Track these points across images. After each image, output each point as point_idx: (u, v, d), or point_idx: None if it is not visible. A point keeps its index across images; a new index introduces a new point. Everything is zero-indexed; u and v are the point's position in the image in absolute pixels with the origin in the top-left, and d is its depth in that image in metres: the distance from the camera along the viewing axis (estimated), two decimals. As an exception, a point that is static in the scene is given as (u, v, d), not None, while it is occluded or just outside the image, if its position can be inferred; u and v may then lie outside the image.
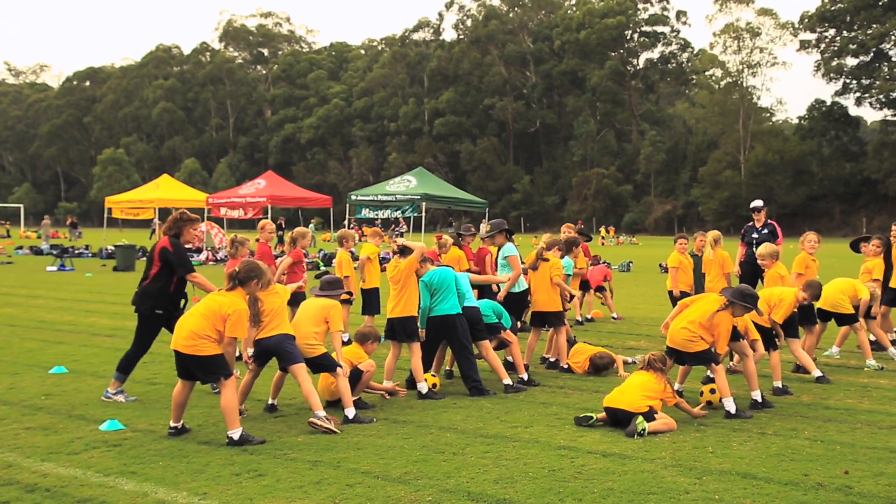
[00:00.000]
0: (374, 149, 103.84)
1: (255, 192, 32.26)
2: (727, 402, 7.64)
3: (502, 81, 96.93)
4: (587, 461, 6.25)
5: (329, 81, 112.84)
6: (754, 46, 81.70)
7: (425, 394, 8.32)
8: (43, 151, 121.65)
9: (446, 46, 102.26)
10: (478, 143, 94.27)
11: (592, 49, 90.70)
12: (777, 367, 8.74)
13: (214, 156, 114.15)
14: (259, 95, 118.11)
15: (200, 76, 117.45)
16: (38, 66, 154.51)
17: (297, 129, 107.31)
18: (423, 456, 6.39)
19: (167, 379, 9.30)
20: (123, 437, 6.94)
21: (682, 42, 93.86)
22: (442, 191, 30.71)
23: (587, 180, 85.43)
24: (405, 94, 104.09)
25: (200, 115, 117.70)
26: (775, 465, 6.18)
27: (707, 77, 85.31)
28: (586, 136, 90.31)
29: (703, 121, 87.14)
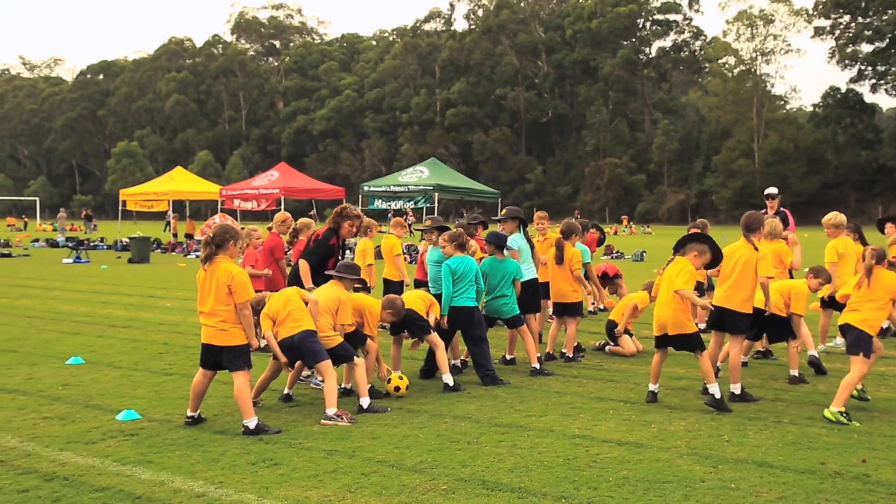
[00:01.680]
0: (386, 140, 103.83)
1: (268, 183, 32.25)
2: (712, 387, 7.52)
3: (514, 71, 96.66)
4: (602, 450, 6.25)
5: (341, 73, 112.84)
6: (768, 34, 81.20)
7: (452, 386, 8.29)
8: (58, 145, 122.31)
9: (458, 37, 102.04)
10: (490, 134, 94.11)
11: (604, 38, 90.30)
12: (794, 357, 8.70)
13: (227, 148, 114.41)
14: (271, 87, 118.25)
15: (213, 69, 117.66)
16: (52, 59, 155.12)
17: (309, 120, 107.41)
18: (437, 445, 6.40)
19: (182, 370, 9.35)
20: (140, 426, 6.98)
21: (695, 30, 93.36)
22: (454, 181, 30.62)
23: (600, 170, 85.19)
24: (417, 85, 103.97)
25: (213, 108, 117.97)
26: (792, 453, 6.15)
27: (720, 65, 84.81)
28: (599, 126, 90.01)
29: (716, 109, 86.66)
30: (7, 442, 6.50)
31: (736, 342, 8.03)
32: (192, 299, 16.64)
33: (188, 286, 19.48)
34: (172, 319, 13.58)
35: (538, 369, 9.11)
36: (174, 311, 14.60)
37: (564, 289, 9.92)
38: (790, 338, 8.73)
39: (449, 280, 8.62)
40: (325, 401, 7.16)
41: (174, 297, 17.05)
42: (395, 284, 11.59)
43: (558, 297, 10.01)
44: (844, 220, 10.42)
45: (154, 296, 17.49)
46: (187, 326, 12.82)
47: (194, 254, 31.76)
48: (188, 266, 26.06)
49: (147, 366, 9.68)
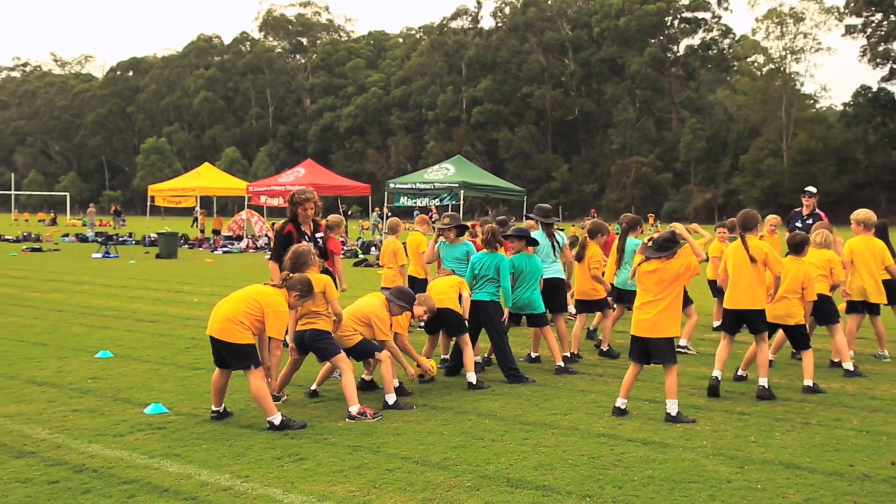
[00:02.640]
0: (412, 137, 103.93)
1: (295, 180, 32.40)
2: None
3: (541, 69, 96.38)
4: (627, 449, 6.23)
5: (367, 70, 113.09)
6: (798, 32, 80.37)
7: (475, 384, 8.31)
8: (88, 140, 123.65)
9: (484, 34, 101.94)
10: (516, 132, 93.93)
11: (632, 36, 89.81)
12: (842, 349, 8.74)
13: (254, 144, 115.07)
14: (298, 84, 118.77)
15: (240, 66, 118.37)
16: (82, 56, 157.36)
17: (335, 117, 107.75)
18: (462, 442, 6.41)
19: (209, 364, 9.38)
20: (167, 420, 7.05)
21: (724, 28, 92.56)
22: (480, 179, 30.58)
23: (626, 168, 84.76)
24: (443, 83, 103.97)
25: (240, 105, 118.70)
26: (819, 455, 6.10)
27: (749, 63, 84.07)
28: (625, 124, 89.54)
29: (744, 108, 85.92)
30: (37, 434, 6.59)
31: (760, 340, 8.01)
32: (219, 294, 16.73)
33: (215, 281, 19.63)
34: (199, 314, 13.68)
35: (563, 367, 9.10)
36: (201, 307, 14.71)
37: (586, 286, 10.03)
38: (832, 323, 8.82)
39: (507, 275, 8.81)
40: (346, 398, 7.19)
41: (201, 293, 17.19)
42: (420, 282, 11.56)
43: (581, 294, 10.12)
44: (873, 219, 10.17)
45: (181, 291, 17.65)
46: (214, 321, 12.93)
47: (221, 249, 31.99)
48: (215, 261, 26.25)
49: (174, 360, 9.77)
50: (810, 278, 8.27)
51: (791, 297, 8.21)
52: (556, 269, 9.89)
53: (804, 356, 8.25)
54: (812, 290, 8.27)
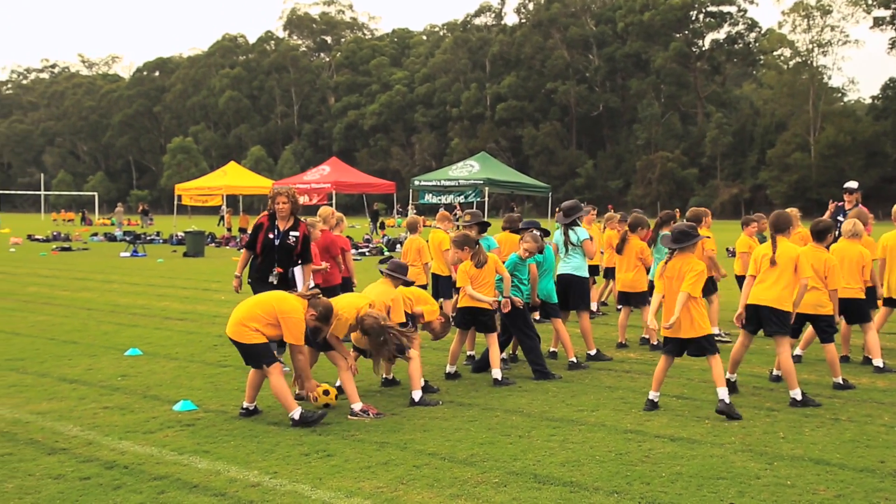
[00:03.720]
0: (436, 134, 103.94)
1: (320, 178, 32.58)
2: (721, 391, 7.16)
3: (565, 65, 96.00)
4: (654, 445, 6.20)
5: (391, 68, 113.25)
6: (825, 25, 79.45)
7: (501, 381, 8.32)
8: (115, 141, 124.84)
9: (508, 31, 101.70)
10: (540, 128, 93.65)
11: (657, 31, 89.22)
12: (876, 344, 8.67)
13: (279, 143, 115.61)
14: (323, 83, 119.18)
15: (265, 65, 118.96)
16: (110, 57, 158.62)
17: (360, 115, 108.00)
18: (489, 438, 6.42)
19: (237, 362, 9.47)
20: (196, 417, 7.11)
21: (749, 22, 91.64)
22: (505, 175, 30.59)
23: (651, 164, 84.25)
24: (467, 80, 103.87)
25: (266, 103, 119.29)
26: (849, 451, 6.04)
27: (775, 57, 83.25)
28: (650, 120, 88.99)
29: (770, 102, 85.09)
30: (69, 430, 6.68)
31: (779, 344, 7.72)
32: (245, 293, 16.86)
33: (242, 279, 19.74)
34: (227, 312, 13.68)
35: (575, 363, 9.16)
36: (228, 304, 14.79)
37: (628, 278, 10.37)
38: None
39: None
40: (346, 394, 7.22)
41: (228, 291, 17.27)
42: (444, 280, 11.58)
43: (622, 285, 10.47)
44: None
45: (209, 289, 17.79)
46: (241, 319, 13.02)
47: (247, 248, 32.14)
48: (241, 260, 26.40)
49: (202, 357, 9.86)
50: (832, 267, 8.09)
51: (820, 287, 8.08)
52: (570, 266, 9.82)
53: (827, 350, 8.11)
54: (835, 278, 8.06)
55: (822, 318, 8.12)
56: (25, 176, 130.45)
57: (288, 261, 8.88)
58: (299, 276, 9.20)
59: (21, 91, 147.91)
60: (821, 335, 8.17)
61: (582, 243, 9.71)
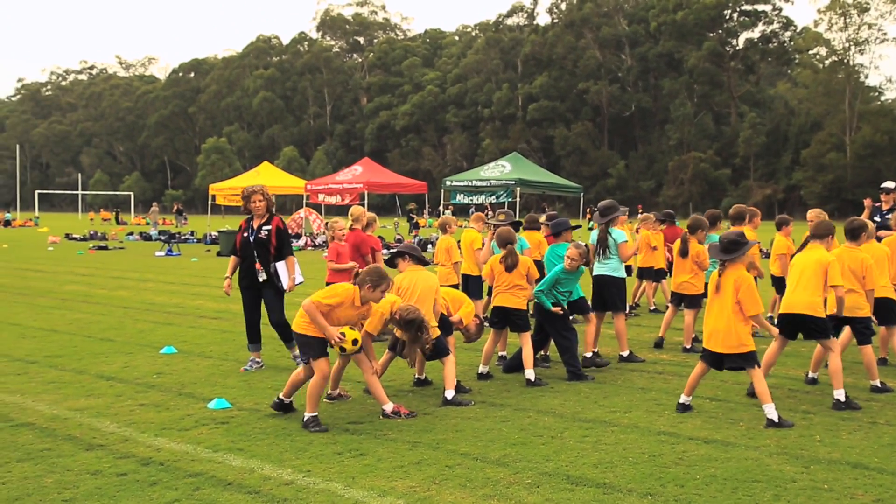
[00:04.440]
0: (468, 135, 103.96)
1: (352, 178, 32.69)
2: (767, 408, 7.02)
3: (597, 65, 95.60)
4: (688, 447, 6.16)
5: (423, 68, 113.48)
6: (862, 23, 78.40)
7: (534, 381, 8.31)
8: (151, 141, 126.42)
9: (540, 31, 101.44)
10: (572, 128, 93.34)
11: (690, 30, 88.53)
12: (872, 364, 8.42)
13: (312, 143, 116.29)
14: (355, 83, 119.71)
15: (298, 66, 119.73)
16: (146, 59, 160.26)
17: (391, 116, 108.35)
18: (521, 439, 6.41)
19: (269, 360, 9.57)
20: (230, 415, 7.17)
21: (784, 20, 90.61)
22: (536, 176, 30.50)
23: (683, 164, 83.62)
24: (499, 80, 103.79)
25: (298, 104, 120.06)
26: (888, 455, 5.96)
27: (811, 56, 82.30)
28: (683, 120, 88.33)
29: (805, 101, 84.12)
30: (106, 427, 6.77)
31: (826, 347, 7.67)
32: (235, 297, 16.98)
33: (274, 279, 19.87)
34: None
35: (589, 358, 9.27)
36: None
37: (684, 280, 10.29)
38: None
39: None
40: (375, 398, 7.22)
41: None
42: (474, 280, 11.56)
43: (679, 288, 10.37)
44: None
45: (242, 288, 17.91)
46: (274, 318, 13.12)
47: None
48: (274, 259, 26.57)
49: (236, 356, 9.94)
50: (868, 266, 7.94)
51: (857, 289, 7.96)
52: (607, 267, 9.75)
53: (864, 352, 7.98)
54: (871, 278, 7.91)
55: (858, 321, 7.99)
56: (63, 176, 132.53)
57: (265, 256, 8.92)
58: (283, 272, 9.06)
59: (60, 92, 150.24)
60: (858, 337, 8.04)
61: (618, 245, 9.68)
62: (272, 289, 9.04)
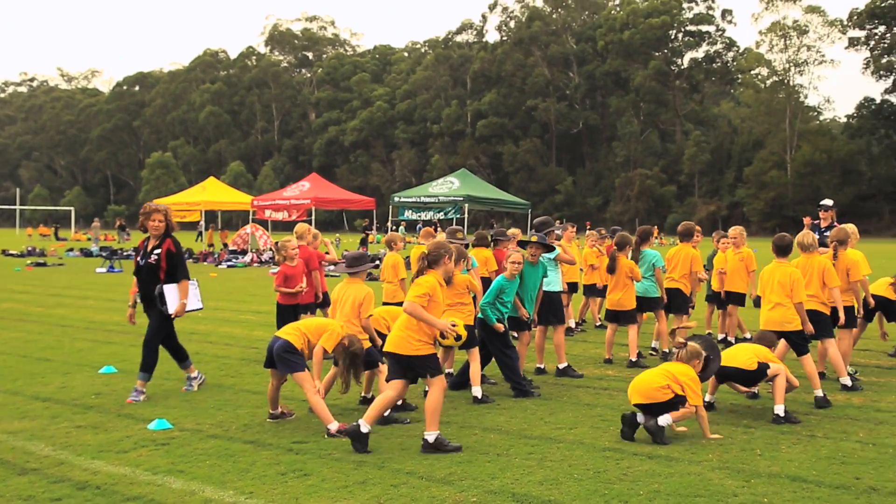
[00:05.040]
0: (416, 151, 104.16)
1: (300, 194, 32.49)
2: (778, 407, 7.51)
3: (545, 82, 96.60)
4: (633, 463, 6.19)
5: (372, 84, 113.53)
6: (801, 44, 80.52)
7: (480, 398, 8.29)
8: (93, 155, 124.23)
9: (489, 48, 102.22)
10: (520, 145, 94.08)
11: (636, 49, 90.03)
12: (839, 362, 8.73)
13: (259, 158, 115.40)
14: (303, 98, 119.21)
15: (246, 80, 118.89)
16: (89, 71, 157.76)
17: (340, 131, 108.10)
18: (467, 457, 6.38)
19: (213, 380, 9.42)
20: (171, 436, 7.03)
21: (728, 41, 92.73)
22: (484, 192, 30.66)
23: (630, 181, 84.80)
24: (448, 96, 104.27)
25: (246, 119, 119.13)
26: (825, 468, 6.06)
27: (753, 76, 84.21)
28: (629, 137, 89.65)
29: (748, 120, 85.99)
30: (41, 450, 6.57)
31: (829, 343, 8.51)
32: (223, 309, 16.76)
33: (220, 296, 19.63)
34: (204, 329, 13.68)
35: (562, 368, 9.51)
36: (206, 321, 14.70)
37: (617, 296, 10.49)
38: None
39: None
40: (319, 418, 7.12)
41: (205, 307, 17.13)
42: None
43: (612, 305, 10.58)
44: None
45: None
46: (218, 336, 12.92)
47: (225, 263, 32.00)
48: (219, 276, 26.25)
49: (179, 375, 9.73)
50: (795, 280, 8.16)
51: (785, 303, 8.16)
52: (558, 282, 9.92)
53: (804, 363, 8.16)
54: (799, 292, 8.13)
55: (791, 334, 8.19)
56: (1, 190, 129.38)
57: (151, 281, 8.38)
58: (171, 295, 8.43)
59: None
60: (795, 349, 8.23)
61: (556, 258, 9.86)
62: (157, 311, 8.47)
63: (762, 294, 8.39)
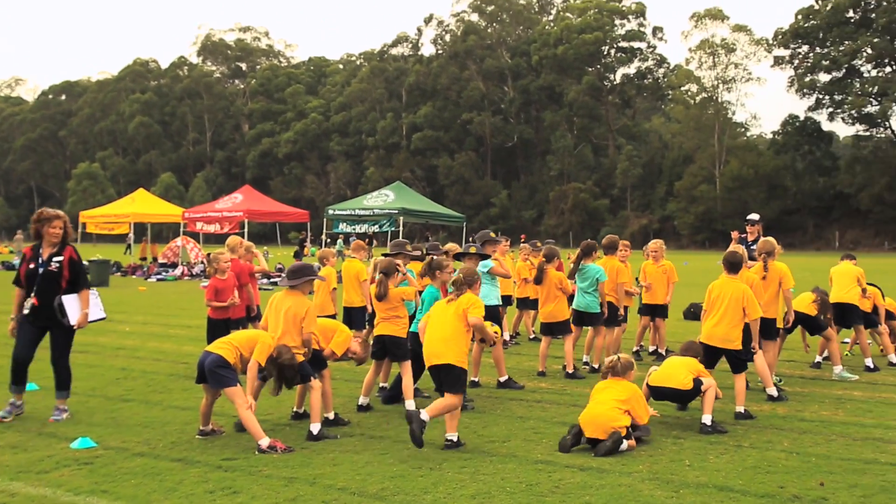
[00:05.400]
0: (351, 163, 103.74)
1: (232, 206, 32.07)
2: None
3: (480, 96, 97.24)
4: (564, 475, 6.23)
5: (307, 96, 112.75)
6: (729, 62, 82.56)
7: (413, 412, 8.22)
8: (16, 165, 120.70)
9: (425, 61, 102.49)
10: (455, 158, 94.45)
11: (570, 64, 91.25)
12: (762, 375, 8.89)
13: (191, 170, 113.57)
14: (237, 110, 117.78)
15: (178, 90, 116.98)
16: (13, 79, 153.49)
17: (274, 143, 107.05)
18: (400, 471, 6.34)
19: (140, 396, 9.21)
20: (95, 455, 6.83)
21: (659, 58, 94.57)
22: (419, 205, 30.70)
23: (564, 195, 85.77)
24: (383, 109, 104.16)
25: (177, 130, 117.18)
26: (751, 477, 6.18)
27: (683, 92, 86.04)
28: (563, 151, 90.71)
29: (678, 136, 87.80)
30: (-44, 471, 6.32)
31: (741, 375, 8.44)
32: (152, 323, 16.43)
33: (148, 310, 19.22)
34: (131, 344, 13.37)
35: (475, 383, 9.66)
36: (133, 336, 14.39)
37: (549, 308, 10.58)
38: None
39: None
40: (250, 434, 7.00)
41: (133, 322, 16.80)
42: (357, 311, 11.47)
43: (544, 316, 10.66)
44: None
45: (112, 320, 17.15)
46: (146, 351, 12.64)
47: (155, 277, 31.36)
48: (148, 289, 25.71)
49: (104, 392, 9.51)
50: (748, 297, 8.36)
51: (734, 320, 8.32)
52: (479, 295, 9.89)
53: (737, 380, 8.32)
54: (754, 308, 8.33)
55: (732, 352, 8.36)
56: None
57: (51, 290, 8.05)
58: (71, 306, 8.16)
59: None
60: (733, 367, 8.41)
61: (490, 270, 9.92)
62: (61, 325, 8.16)
63: (708, 309, 8.46)
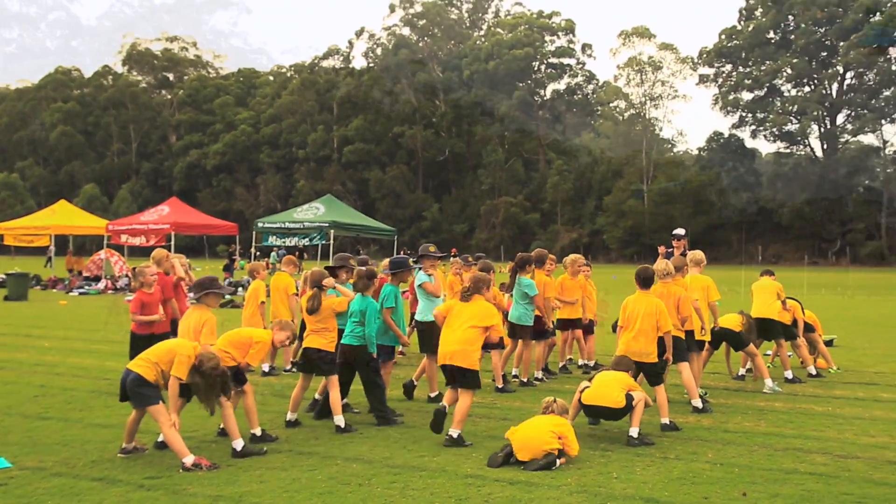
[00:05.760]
0: (282, 176, 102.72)
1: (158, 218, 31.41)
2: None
3: (412, 110, 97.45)
4: (494, 489, 6.23)
5: (236, 107, 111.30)
6: (656, 80, 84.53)
7: (343, 428, 8.15)
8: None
9: (356, 74, 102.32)
10: (387, 171, 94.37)
11: (501, 79, 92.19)
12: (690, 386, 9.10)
13: (116, 181, 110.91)
14: (164, 120, 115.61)
15: (102, 100, 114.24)
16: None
17: (202, 155, 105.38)
18: (328, 488, 6.26)
19: (59, 413, 8.92)
20: (9, 475, 6.58)
21: (588, 74, 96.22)
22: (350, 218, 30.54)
23: (495, 209, 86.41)
24: (314, 122, 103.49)
25: (102, 140, 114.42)
26: (677, 488, 6.27)
27: (612, 108, 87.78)
28: (494, 165, 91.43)
29: (608, 151, 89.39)
30: None
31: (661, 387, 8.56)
32: (72, 339, 15.95)
33: (69, 325, 18.67)
34: (50, 360, 12.95)
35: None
36: (52, 352, 13.94)
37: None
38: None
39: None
40: (175, 452, 6.85)
41: (53, 337, 16.29)
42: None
43: None
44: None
45: (31, 335, 16.65)
46: (66, 367, 12.25)
47: (77, 291, 30.50)
48: (70, 303, 24.98)
49: (21, 409, 9.17)
50: (661, 311, 8.51)
51: (650, 334, 8.44)
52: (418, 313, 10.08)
53: (657, 392, 8.43)
54: (666, 322, 8.49)
55: (648, 365, 8.48)
56: None
57: None
58: None
59: None
60: (650, 380, 8.53)
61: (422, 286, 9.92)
62: None
63: (625, 324, 8.55)
